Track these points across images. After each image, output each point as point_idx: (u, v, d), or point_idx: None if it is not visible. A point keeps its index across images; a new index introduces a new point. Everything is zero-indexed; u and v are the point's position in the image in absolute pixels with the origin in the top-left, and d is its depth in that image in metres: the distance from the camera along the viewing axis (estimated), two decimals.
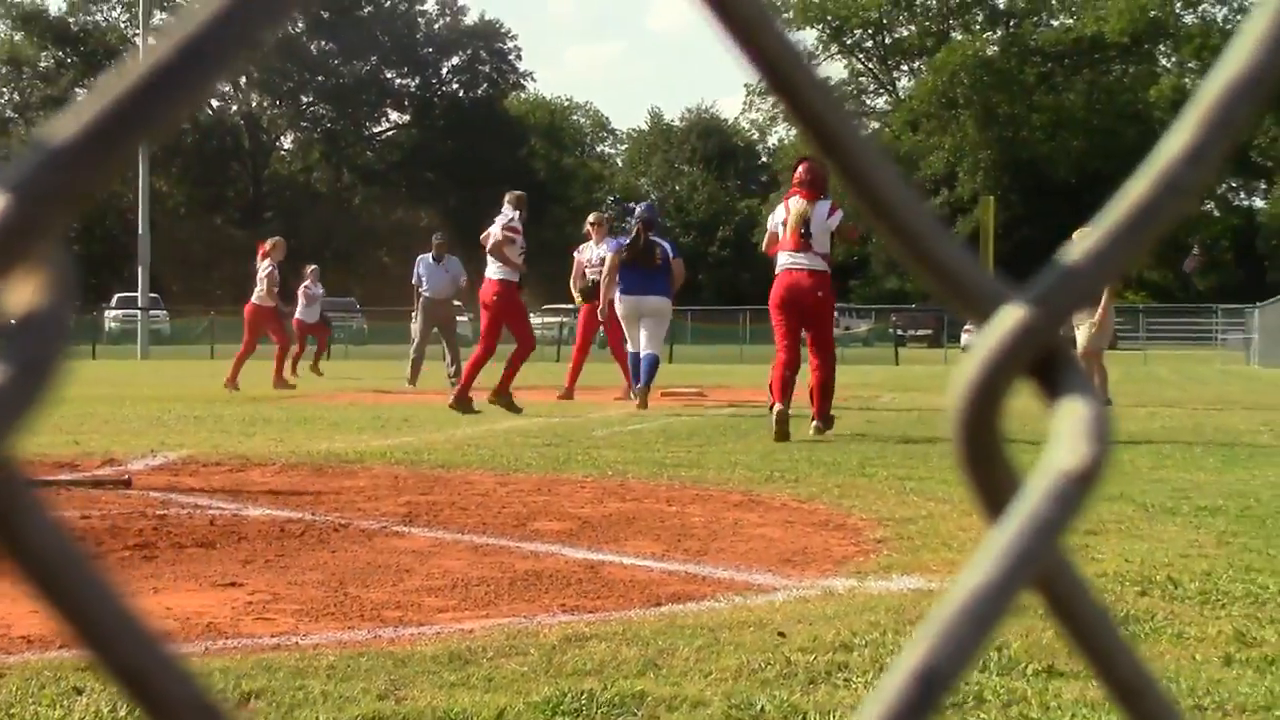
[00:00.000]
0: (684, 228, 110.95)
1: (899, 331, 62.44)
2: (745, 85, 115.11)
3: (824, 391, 13.89)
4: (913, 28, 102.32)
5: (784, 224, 14.11)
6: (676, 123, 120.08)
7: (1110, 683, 0.57)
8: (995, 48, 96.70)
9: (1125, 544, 6.85)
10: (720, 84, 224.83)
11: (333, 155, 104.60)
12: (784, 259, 14.05)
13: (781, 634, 4.89)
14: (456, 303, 25.67)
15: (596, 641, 4.79)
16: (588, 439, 13.20)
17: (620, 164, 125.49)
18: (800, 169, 14.50)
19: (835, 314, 14.58)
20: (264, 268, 24.95)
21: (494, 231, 16.98)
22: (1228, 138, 0.57)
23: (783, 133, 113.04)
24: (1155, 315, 71.41)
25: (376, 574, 6.18)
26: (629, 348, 19.35)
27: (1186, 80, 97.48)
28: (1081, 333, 19.61)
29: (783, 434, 13.15)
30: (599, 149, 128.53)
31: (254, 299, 24.98)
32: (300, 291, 28.63)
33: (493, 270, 16.84)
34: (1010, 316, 0.54)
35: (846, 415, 16.31)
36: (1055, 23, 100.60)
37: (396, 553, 6.74)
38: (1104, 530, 7.31)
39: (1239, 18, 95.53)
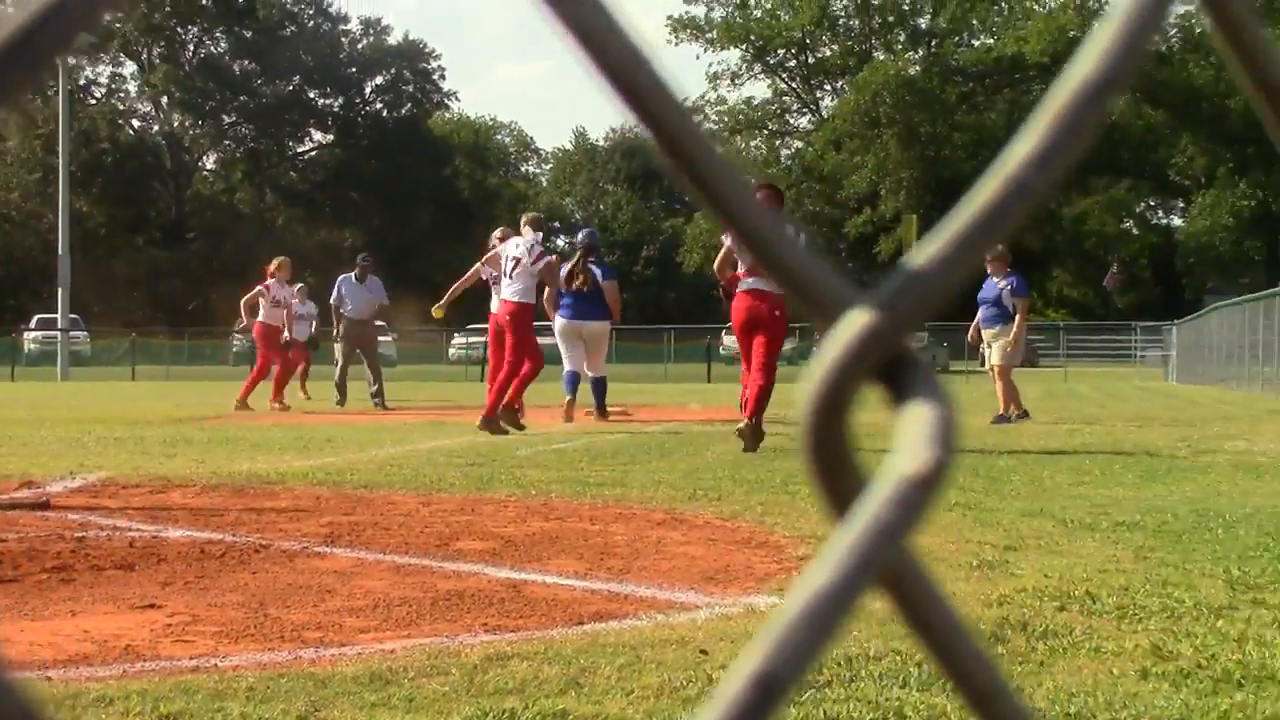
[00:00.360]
0: (608, 247, 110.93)
1: None
2: None
3: (762, 394, 14.31)
4: (835, 47, 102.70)
5: None
6: (601, 142, 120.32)
7: (963, 688, 0.57)
8: (917, 67, 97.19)
9: (1044, 559, 6.90)
10: None
11: (256, 175, 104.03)
12: (747, 281, 14.55)
13: (704, 652, 4.89)
14: (379, 322, 25.54)
15: (518, 661, 4.79)
16: (511, 458, 13.18)
17: (545, 183, 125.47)
18: (758, 195, 14.76)
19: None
20: (271, 287, 24.95)
21: (514, 254, 17.59)
22: (1076, 142, 0.57)
23: None
24: (1076, 333, 71.92)
25: (297, 595, 6.15)
26: (567, 366, 19.65)
27: None
28: (995, 350, 19.77)
29: (753, 445, 13.95)
30: (523, 168, 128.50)
31: (261, 318, 24.87)
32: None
33: (508, 292, 17.46)
34: (856, 321, 0.54)
35: (771, 432, 16.35)
36: (976, 43, 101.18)
37: (318, 573, 6.71)
38: (1024, 546, 7.36)
39: (1156, 38, 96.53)
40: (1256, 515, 8.78)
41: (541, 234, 17.79)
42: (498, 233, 20.68)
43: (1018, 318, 19.69)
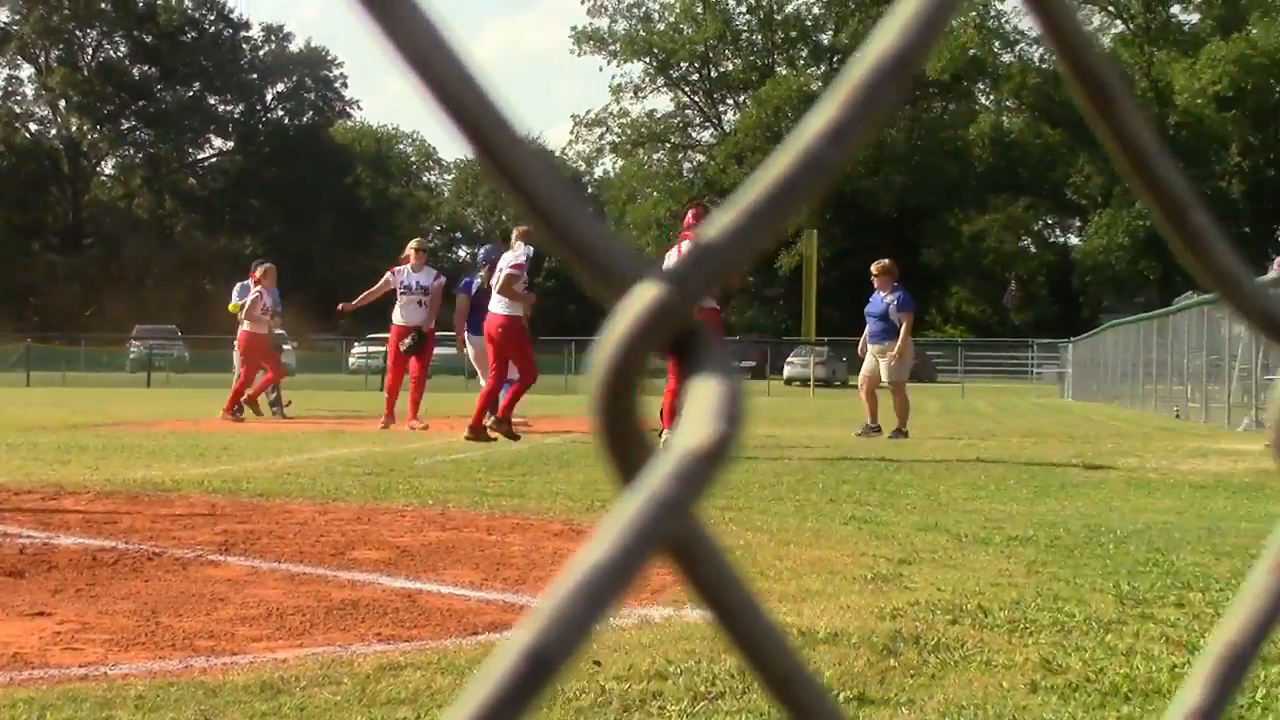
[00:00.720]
0: None
1: None
2: (572, 116, 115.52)
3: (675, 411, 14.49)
4: (738, 62, 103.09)
5: None
6: None
7: (759, 671, 0.58)
8: (819, 83, 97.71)
9: (938, 573, 6.95)
10: (547, 115, 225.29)
11: (154, 181, 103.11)
12: None
13: (597, 663, 4.89)
14: (279, 331, 25.33)
15: (411, 670, 4.77)
16: (409, 468, 13.14)
17: (447, 193, 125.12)
18: (690, 214, 15.57)
19: None
20: (253, 294, 24.49)
21: (502, 266, 17.74)
22: (870, 118, 0.58)
23: (609, 164, 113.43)
24: (974, 349, 72.50)
25: (190, 603, 6.10)
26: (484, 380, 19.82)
27: (1005, 118, 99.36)
28: (882, 365, 19.87)
29: None
30: (425, 178, 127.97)
31: (246, 327, 24.46)
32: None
33: (497, 305, 17.69)
34: (646, 293, 0.54)
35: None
36: None
37: (211, 582, 6.66)
38: (918, 559, 7.41)
39: (1055, 57, 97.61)
40: (1147, 531, 8.89)
41: (531, 248, 18.03)
42: (414, 243, 20.80)
43: (902, 331, 19.75)
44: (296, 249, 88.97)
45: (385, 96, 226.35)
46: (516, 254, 17.89)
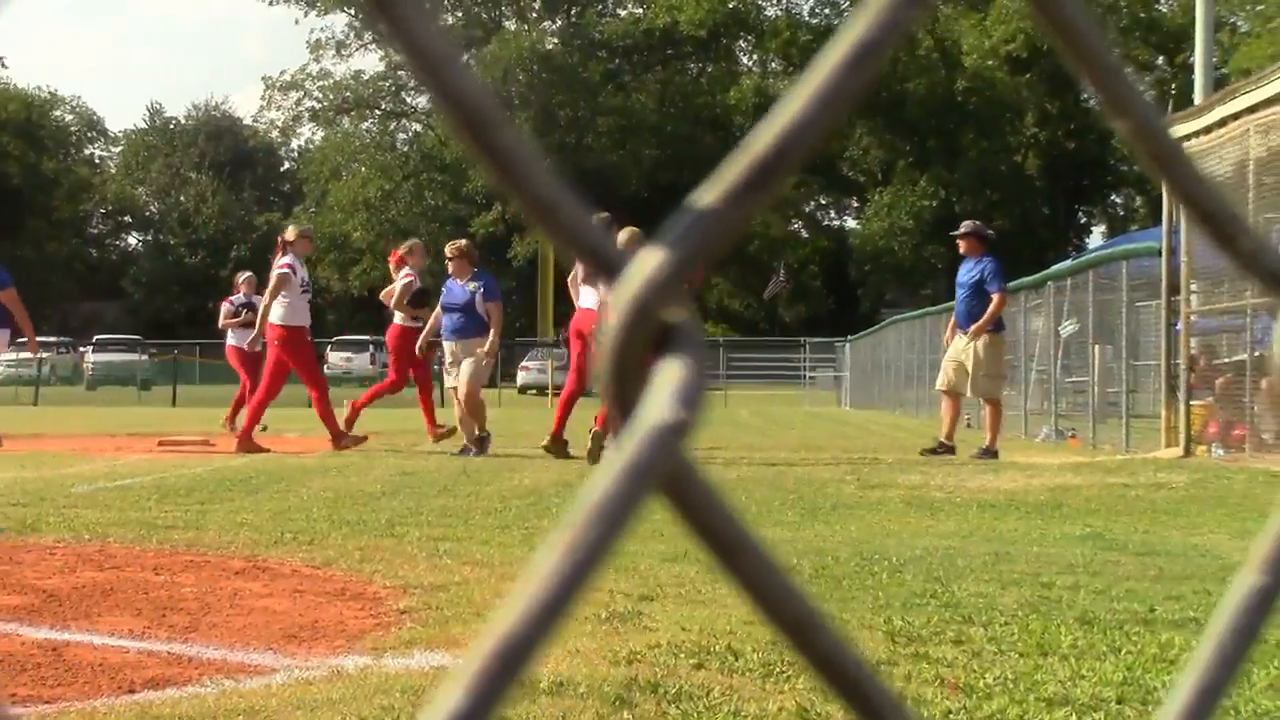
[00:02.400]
0: (190, 247, 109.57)
1: None
2: (264, 78, 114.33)
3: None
4: (459, 15, 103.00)
5: None
6: (181, 120, 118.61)
7: (772, 619, 0.68)
8: (555, 40, 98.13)
9: (683, 610, 7.01)
10: (233, 77, 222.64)
11: None
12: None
13: None
14: None
15: None
16: (65, 497, 12.91)
17: (114, 169, 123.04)
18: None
19: None
20: (237, 301, 24.61)
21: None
22: (862, 76, 0.68)
23: (309, 134, 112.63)
24: (737, 350, 73.17)
25: None
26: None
27: (770, 82, 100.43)
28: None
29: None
30: (88, 151, 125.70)
31: (235, 340, 24.37)
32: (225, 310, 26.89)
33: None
34: (650, 260, 0.65)
35: (383, 460, 16.37)
36: (623, 12, 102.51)
37: None
38: (662, 595, 7.46)
39: (828, 11, 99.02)
40: (926, 558, 9.07)
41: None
42: (292, 230, 21.30)
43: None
44: None
45: (37, 53, 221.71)
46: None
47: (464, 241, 20.81)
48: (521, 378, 65.69)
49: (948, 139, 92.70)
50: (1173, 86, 78.35)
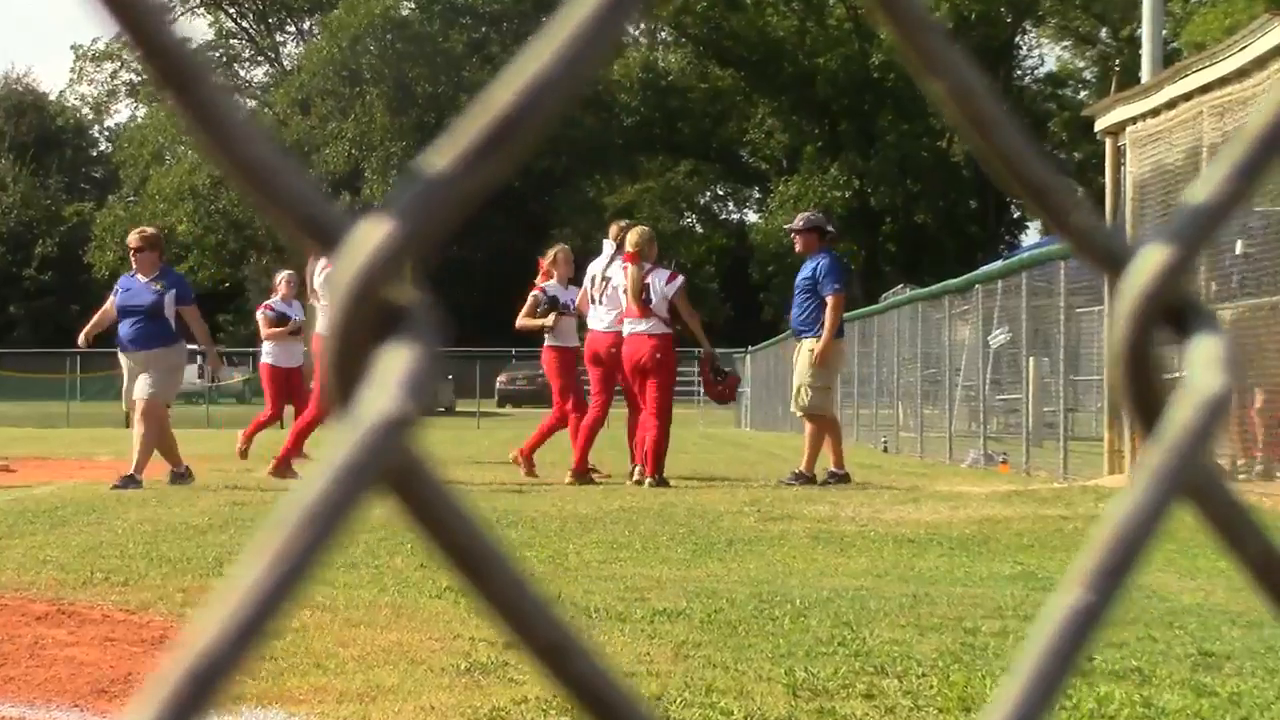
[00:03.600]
0: None
1: None
2: (73, 48, 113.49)
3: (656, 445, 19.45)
4: None
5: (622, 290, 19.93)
6: None
7: (517, 638, 0.71)
8: (412, 5, 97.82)
9: None
10: (37, 46, 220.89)
11: None
12: (626, 325, 19.77)
13: None
14: None
15: None
16: None
17: None
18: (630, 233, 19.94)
19: None
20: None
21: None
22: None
23: (128, 112, 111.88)
24: None
25: None
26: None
27: (660, 55, 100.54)
28: None
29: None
30: None
31: (272, 358, 23.57)
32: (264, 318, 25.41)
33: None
34: (374, 233, 0.65)
35: (210, 491, 16.30)
36: None
37: None
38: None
39: None
40: (834, 600, 9.12)
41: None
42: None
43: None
44: None
45: None
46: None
47: (151, 230, 19.82)
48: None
49: (862, 121, 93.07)
50: (1117, 63, 78.86)
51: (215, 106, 0.63)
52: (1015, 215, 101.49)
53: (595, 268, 21.01)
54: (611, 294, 20.43)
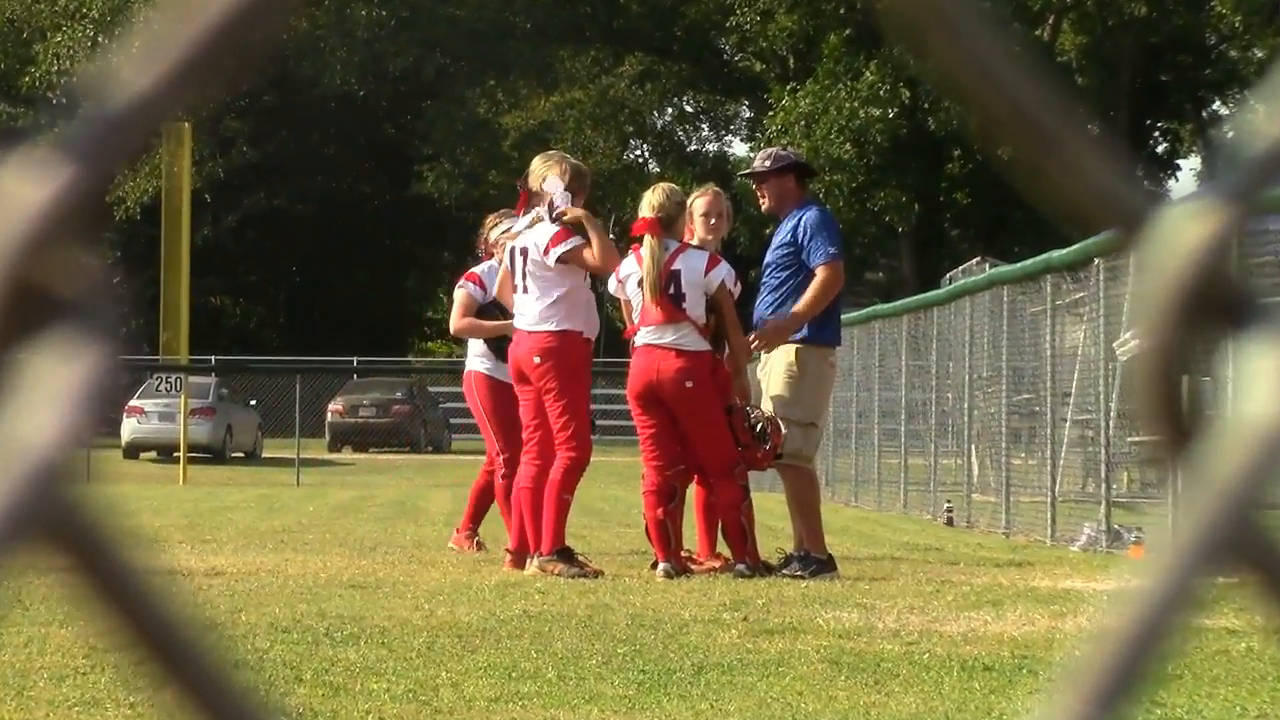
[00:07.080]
0: None
1: None
2: None
3: (732, 520, 18.63)
4: None
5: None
6: None
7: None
8: None
9: None
10: None
11: None
12: (641, 335, 18.71)
13: None
14: None
15: None
16: None
17: None
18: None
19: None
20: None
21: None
22: None
23: None
24: None
25: None
26: None
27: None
28: None
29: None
30: None
31: (485, 365, 23.41)
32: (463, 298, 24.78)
33: None
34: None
35: None
36: None
37: None
38: None
39: None
40: None
41: None
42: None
43: None
44: None
45: None
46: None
47: None
48: (128, 429, 65.62)
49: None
50: None
51: None
52: (1160, 148, 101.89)
53: (517, 230, 19.96)
54: (536, 272, 19.34)
